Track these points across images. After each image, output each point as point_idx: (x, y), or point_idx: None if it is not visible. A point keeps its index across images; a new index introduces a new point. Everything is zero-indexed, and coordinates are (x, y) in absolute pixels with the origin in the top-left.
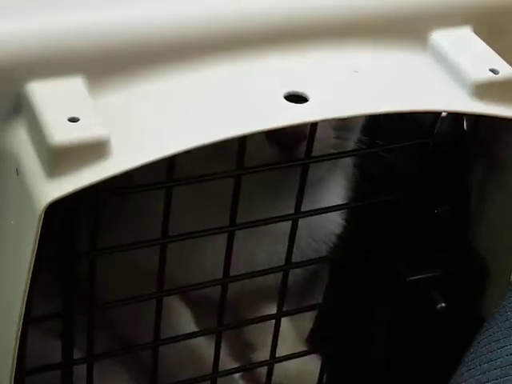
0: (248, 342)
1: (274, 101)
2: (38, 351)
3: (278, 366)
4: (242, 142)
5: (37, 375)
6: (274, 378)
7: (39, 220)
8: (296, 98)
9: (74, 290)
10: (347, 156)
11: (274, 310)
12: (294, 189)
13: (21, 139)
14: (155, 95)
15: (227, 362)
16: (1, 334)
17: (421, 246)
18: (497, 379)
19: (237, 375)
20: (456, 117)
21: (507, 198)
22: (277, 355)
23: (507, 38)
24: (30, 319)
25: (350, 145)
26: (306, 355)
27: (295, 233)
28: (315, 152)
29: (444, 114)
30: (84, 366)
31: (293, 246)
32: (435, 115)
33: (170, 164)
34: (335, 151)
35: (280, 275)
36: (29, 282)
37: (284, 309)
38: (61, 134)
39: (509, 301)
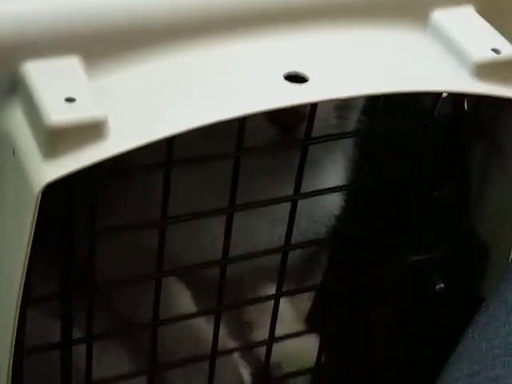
0: (247, 321)
1: (273, 81)
2: (38, 331)
3: (276, 346)
4: (241, 122)
5: (36, 355)
6: (272, 357)
7: (36, 202)
8: (296, 78)
9: (72, 271)
10: (347, 137)
11: (273, 290)
12: (293, 170)
13: (17, 120)
14: (153, 76)
15: (226, 341)
16: (0, 314)
17: (420, 228)
18: (495, 359)
19: (236, 354)
20: (457, 97)
21: (508, 180)
22: (276, 335)
23: (510, 18)
24: (28, 300)
25: (351, 125)
26: (304, 335)
27: (294, 214)
28: (316, 132)
29: (445, 94)
30: (83, 346)
31: (292, 228)
32: (436, 96)
33: (168, 145)
34: (336, 131)
35: (279, 256)
36: (27, 262)
37: (283, 289)
38: (57, 114)
39: (508, 281)
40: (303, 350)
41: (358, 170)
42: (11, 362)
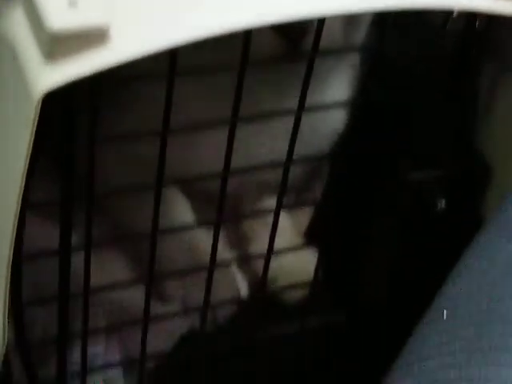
0: (246, 234)
1: None
2: (37, 238)
3: (274, 259)
4: (247, 35)
5: (35, 262)
6: (270, 271)
7: (36, 108)
8: None
9: (71, 178)
10: (354, 51)
11: (273, 204)
12: (298, 84)
13: (18, 24)
14: None
15: (224, 254)
16: None
17: (424, 145)
18: (495, 279)
19: (233, 267)
20: (468, 15)
21: None
22: (274, 249)
23: None
24: (28, 204)
25: (358, 41)
26: (302, 249)
27: (298, 128)
28: (321, 46)
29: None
30: (82, 254)
31: (295, 142)
32: (447, 12)
33: (172, 56)
34: (341, 46)
35: (280, 170)
36: (26, 168)
37: (283, 203)
38: (59, 19)
39: (509, 201)
40: (301, 264)
41: (364, 87)
42: (10, 268)
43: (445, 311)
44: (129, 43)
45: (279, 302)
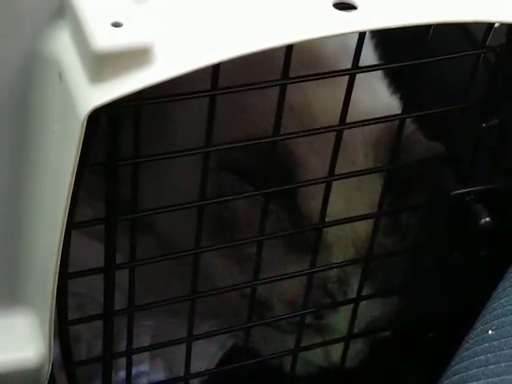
0: None
1: (322, 8)
2: (83, 255)
3: None
4: (288, 50)
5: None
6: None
7: (82, 126)
8: (345, 5)
9: (115, 196)
10: (393, 67)
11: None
12: None
13: (64, 44)
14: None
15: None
16: (45, 238)
17: (467, 160)
18: None
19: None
20: (510, 28)
21: None
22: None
23: None
24: (72, 224)
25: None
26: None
27: (339, 146)
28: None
29: (497, 24)
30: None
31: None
32: (488, 26)
33: (214, 72)
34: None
35: None
36: (72, 186)
37: None
38: (104, 39)
39: None
40: None
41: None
42: (55, 285)
43: (490, 331)
44: (172, 60)
45: None
